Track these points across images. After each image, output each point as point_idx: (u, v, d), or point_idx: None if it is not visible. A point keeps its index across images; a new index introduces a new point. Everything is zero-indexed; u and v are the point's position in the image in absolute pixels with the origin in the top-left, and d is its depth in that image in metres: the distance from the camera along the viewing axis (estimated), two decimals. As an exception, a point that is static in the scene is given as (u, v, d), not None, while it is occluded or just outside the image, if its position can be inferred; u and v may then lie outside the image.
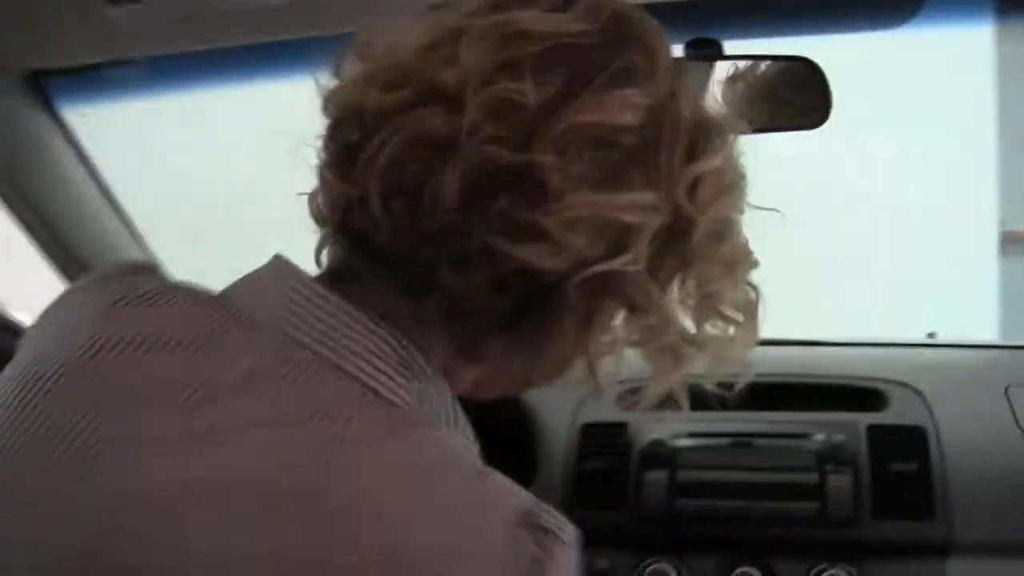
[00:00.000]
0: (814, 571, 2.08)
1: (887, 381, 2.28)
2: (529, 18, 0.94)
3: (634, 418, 2.26)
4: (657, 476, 2.17)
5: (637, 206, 0.94)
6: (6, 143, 2.13)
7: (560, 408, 2.34)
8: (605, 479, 2.22)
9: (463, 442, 1.06)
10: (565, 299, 0.95)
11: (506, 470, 2.13)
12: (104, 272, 1.09)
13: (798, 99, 1.83)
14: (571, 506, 2.20)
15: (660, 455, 2.19)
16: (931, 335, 2.68)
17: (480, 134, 0.90)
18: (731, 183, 1.02)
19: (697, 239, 0.99)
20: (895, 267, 5.76)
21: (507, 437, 2.30)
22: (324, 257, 1.06)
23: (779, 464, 2.15)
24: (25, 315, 2.49)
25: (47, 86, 2.17)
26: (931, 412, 2.19)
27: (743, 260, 1.07)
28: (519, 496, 0.97)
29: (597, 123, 0.92)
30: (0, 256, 2.51)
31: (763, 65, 1.86)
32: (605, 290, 0.97)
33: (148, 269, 1.10)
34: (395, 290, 0.99)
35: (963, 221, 5.60)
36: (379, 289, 1.00)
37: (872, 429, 2.17)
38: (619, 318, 1.03)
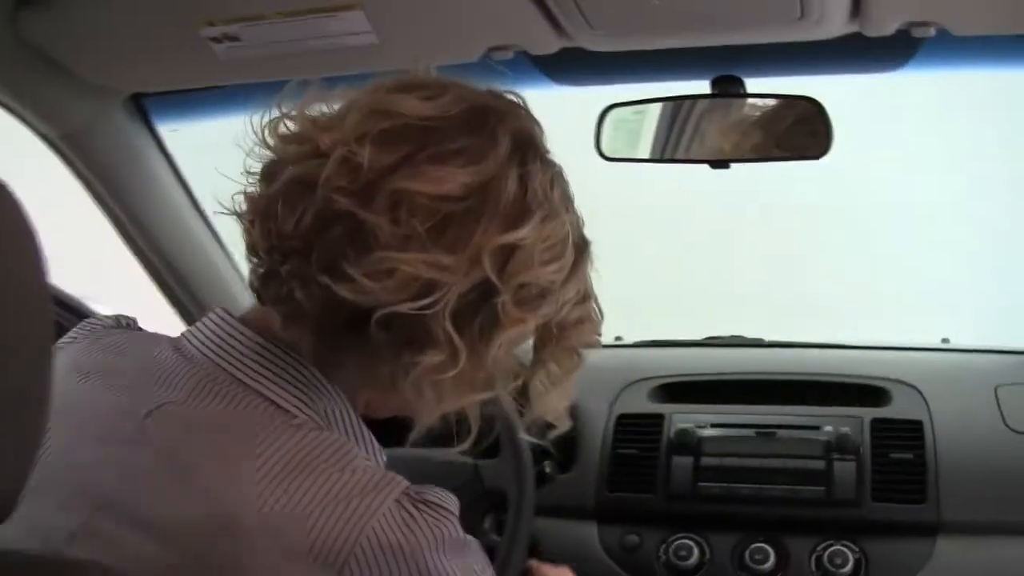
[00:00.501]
0: (820, 547, 2.26)
1: (891, 380, 2.47)
2: (398, 100, 1.16)
3: (664, 410, 2.48)
4: (683, 462, 2.37)
5: (439, 266, 1.10)
6: (111, 159, 2.33)
7: (599, 400, 2.54)
8: (637, 464, 2.42)
9: (363, 451, 1.23)
10: (373, 328, 1.12)
11: (549, 456, 2.32)
12: (89, 324, 1.37)
13: (804, 133, 2.03)
14: (606, 488, 2.43)
15: (686, 443, 2.38)
16: (944, 340, 2.85)
17: (331, 184, 1.12)
18: (547, 258, 1.17)
19: (502, 303, 1.14)
20: (941, 277, 5.83)
21: (551, 427, 2.49)
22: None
23: (791, 452, 2.33)
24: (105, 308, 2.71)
25: (145, 105, 2.36)
26: (928, 408, 2.37)
27: (554, 329, 1.24)
28: (400, 480, 1.16)
29: (422, 191, 1.11)
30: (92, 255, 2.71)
31: (776, 103, 2.08)
32: (408, 328, 1.12)
33: (122, 322, 1.39)
34: (273, 304, 1.20)
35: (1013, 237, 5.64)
36: (268, 308, 1.22)
37: (875, 422, 2.35)
38: (426, 354, 1.15)
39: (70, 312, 2.61)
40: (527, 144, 1.21)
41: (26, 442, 0.90)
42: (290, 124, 1.21)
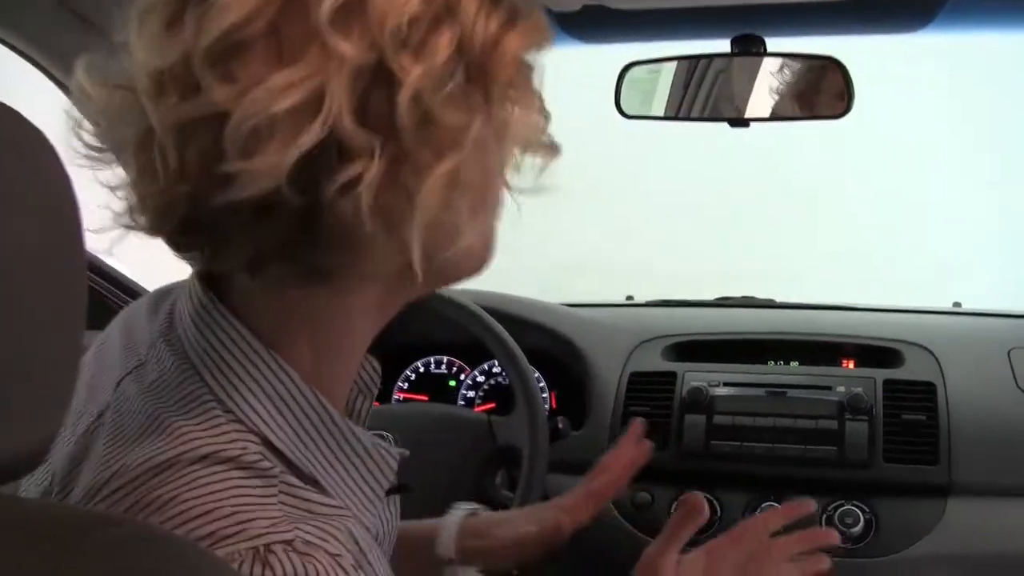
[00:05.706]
0: (831, 507, 2.26)
1: (904, 342, 2.46)
2: None
3: (677, 368, 2.49)
4: (696, 420, 2.37)
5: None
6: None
7: (611, 358, 2.54)
8: (649, 422, 2.40)
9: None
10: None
11: (563, 412, 2.33)
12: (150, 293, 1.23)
13: (825, 93, 2.04)
14: (619, 445, 2.43)
15: (699, 401, 2.38)
16: (956, 304, 2.86)
17: None
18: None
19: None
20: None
21: (565, 384, 2.50)
22: None
23: (804, 412, 2.32)
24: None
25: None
26: (941, 370, 2.37)
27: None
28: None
29: None
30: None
31: (797, 63, 2.08)
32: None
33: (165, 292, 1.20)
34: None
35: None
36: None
37: (888, 383, 2.35)
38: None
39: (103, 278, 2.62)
40: None
41: (58, 400, 0.86)
42: None
